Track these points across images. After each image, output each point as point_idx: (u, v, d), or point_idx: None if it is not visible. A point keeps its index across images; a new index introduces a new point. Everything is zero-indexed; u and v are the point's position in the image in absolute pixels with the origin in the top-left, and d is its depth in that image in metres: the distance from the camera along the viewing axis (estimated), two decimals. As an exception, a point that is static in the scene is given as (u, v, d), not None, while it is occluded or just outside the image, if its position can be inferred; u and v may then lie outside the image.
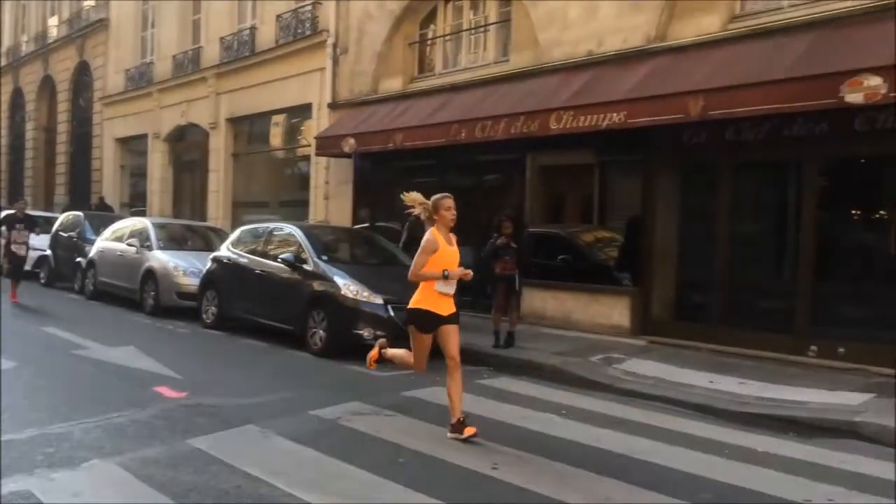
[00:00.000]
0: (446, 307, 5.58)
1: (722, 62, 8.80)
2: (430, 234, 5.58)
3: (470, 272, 5.56)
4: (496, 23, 12.63)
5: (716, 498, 4.48)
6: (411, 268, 5.60)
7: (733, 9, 9.42)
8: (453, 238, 5.72)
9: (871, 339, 8.07)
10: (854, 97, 7.13)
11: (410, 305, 5.63)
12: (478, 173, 12.81)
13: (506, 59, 12.23)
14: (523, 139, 10.54)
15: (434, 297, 5.52)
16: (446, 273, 5.46)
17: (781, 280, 9.26)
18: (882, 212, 8.55)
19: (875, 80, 7.02)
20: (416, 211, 5.70)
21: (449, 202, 5.65)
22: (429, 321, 5.54)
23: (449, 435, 5.42)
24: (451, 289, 5.59)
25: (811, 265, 8.59)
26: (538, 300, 10.70)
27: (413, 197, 5.72)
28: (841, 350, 8.12)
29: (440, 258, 5.52)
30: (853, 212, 9.02)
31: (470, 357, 8.97)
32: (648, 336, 9.71)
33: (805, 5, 8.71)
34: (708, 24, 9.42)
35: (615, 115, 9.16)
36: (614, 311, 10.02)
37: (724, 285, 9.36)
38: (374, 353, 6.20)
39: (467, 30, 13.23)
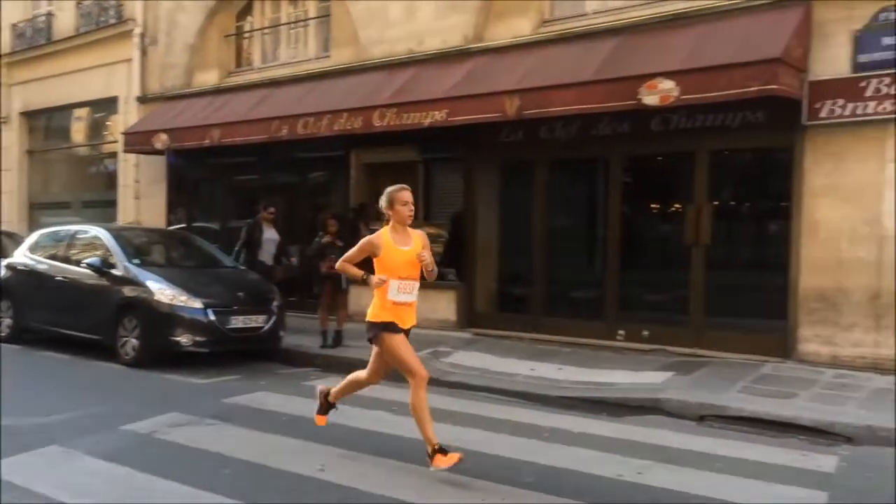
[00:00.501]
0: (409, 319, 4.90)
1: (535, 64, 9.21)
2: (377, 234, 4.87)
3: (379, 279, 4.79)
4: (315, 18, 12.42)
5: (537, 479, 4.66)
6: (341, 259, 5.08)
7: (543, 13, 9.88)
8: (415, 237, 4.91)
9: (670, 321, 8.83)
10: (650, 99, 7.71)
11: (370, 319, 4.86)
12: (301, 171, 12.56)
13: (327, 54, 12.06)
14: (347, 136, 10.46)
15: (390, 309, 4.78)
16: (366, 278, 4.82)
17: (593, 270, 9.87)
18: (677, 205, 9.33)
19: (668, 84, 7.62)
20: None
21: (407, 195, 4.87)
22: (394, 329, 4.81)
23: (432, 468, 4.61)
24: (408, 297, 4.85)
25: (617, 256, 9.23)
26: (366, 298, 10.62)
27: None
28: (645, 333, 8.79)
29: (386, 261, 4.77)
30: (653, 205, 9.79)
31: (297, 358, 8.82)
32: (474, 329, 10.00)
33: (607, 13, 9.31)
34: (521, 26, 9.82)
35: (437, 113, 9.31)
36: (441, 305, 10.19)
37: (542, 277, 9.82)
38: (320, 406, 5.30)
39: (286, 24, 12.92)
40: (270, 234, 10.00)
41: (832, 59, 7.60)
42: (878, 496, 4.54)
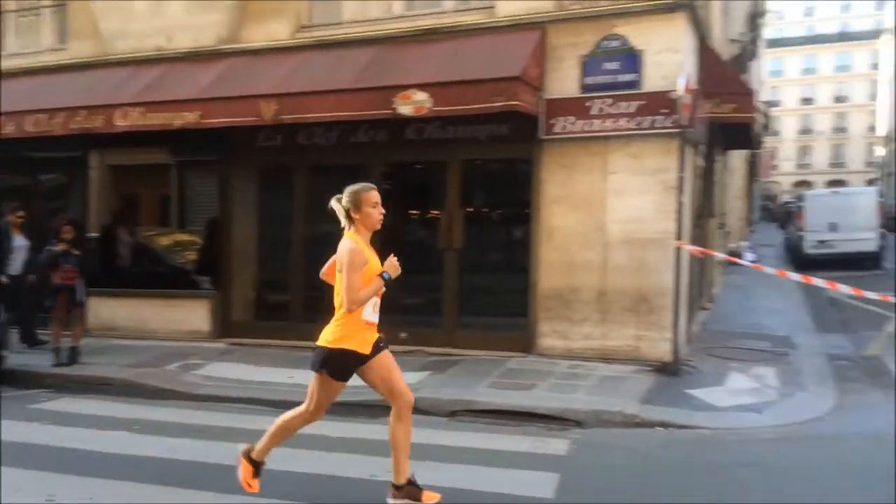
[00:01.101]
0: (372, 338, 4.28)
1: (293, 68, 9.11)
2: (353, 242, 4.17)
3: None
4: (50, 6, 11.29)
5: (296, 488, 4.60)
6: (346, 295, 4.08)
7: (300, 18, 9.82)
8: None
9: (426, 323, 9.17)
10: (405, 109, 7.97)
11: (331, 345, 4.16)
12: (32, 172, 11.32)
13: (63, 47, 11.01)
14: (86, 135, 9.61)
15: (361, 331, 4.20)
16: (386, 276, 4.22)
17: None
18: (434, 211, 9.72)
19: (422, 95, 7.93)
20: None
21: (376, 195, 4.29)
22: (354, 364, 4.21)
23: (394, 503, 4.22)
24: (377, 315, 4.32)
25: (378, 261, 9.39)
26: (107, 310, 9.90)
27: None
28: (403, 335, 9.03)
29: (368, 274, 4.18)
30: (411, 211, 10.11)
31: (25, 379, 7.91)
32: (230, 338, 9.64)
33: (364, 23, 9.47)
34: (278, 30, 9.67)
35: (189, 114, 8.87)
36: (193, 315, 9.72)
37: (300, 284, 9.72)
38: (245, 470, 4.34)
39: (16, 11, 11.61)
40: (20, 242, 9.00)
41: (564, 79, 8.36)
42: (602, 472, 5.07)
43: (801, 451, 5.55)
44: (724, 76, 9.21)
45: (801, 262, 19.11)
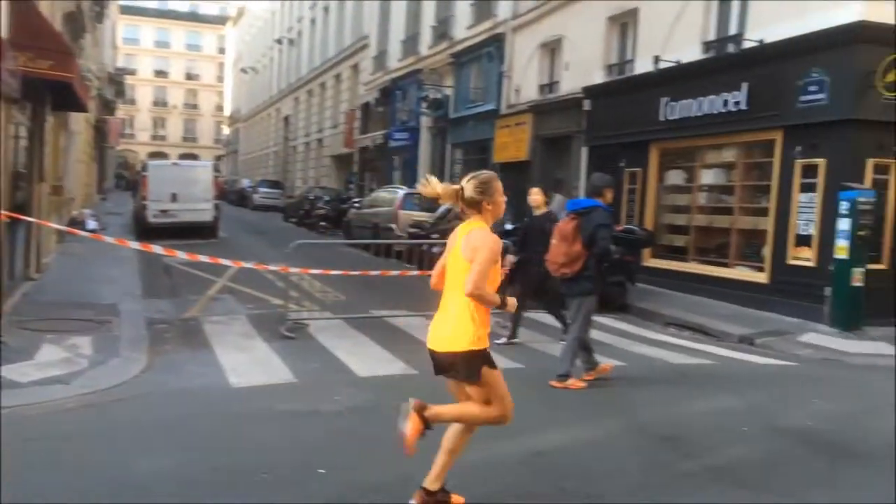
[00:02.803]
0: None
1: None
2: (488, 231, 3.72)
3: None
4: None
5: None
6: (474, 280, 3.53)
7: None
8: None
9: None
10: None
11: (471, 347, 3.63)
12: None
13: None
14: None
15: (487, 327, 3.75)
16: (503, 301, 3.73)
17: None
18: None
19: None
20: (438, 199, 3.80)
21: (500, 184, 3.83)
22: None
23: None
24: None
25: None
26: None
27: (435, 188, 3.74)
28: None
29: (495, 274, 3.71)
30: None
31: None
32: None
33: None
34: None
35: None
36: None
37: None
38: (415, 425, 3.69)
39: None
40: None
41: None
42: None
43: (105, 416, 5.60)
44: (41, 30, 8.57)
45: (145, 230, 19.54)
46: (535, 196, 8.92)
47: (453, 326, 3.68)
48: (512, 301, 3.84)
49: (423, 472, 3.83)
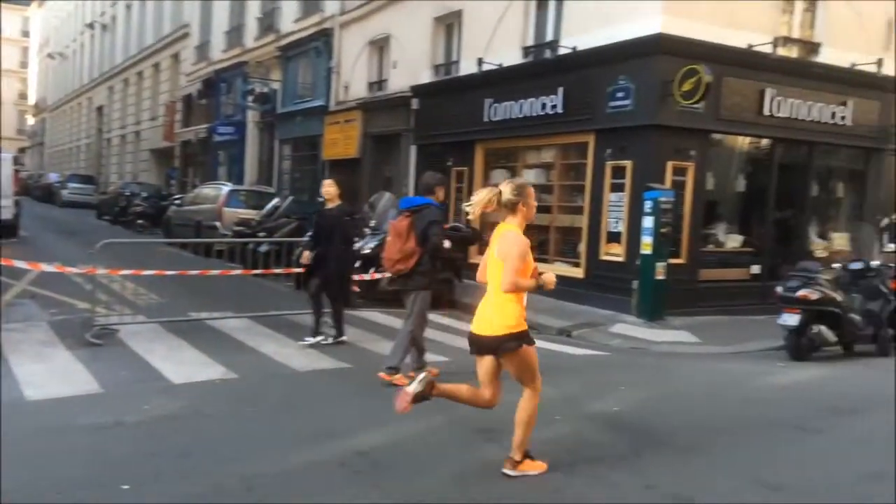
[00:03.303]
0: None
1: None
2: (520, 233, 4.46)
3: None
4: None
5: None
6: (508, 277, 4.28)
7: None
8: None
9: None
10: None
11: (511, 330, 4.38)
12: None
13: None
14: None
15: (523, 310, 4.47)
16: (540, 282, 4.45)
17: None
18: None
19: None
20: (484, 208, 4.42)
21: (533, 190, 4.57)
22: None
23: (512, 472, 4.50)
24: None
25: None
26: None
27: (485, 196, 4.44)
28: None
29: (528, 266, 4.42)
30: None
31: None
32: None
33: None
34: None
35: None
36: None
37: None
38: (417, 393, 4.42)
39: None
40: None
41: None
42: None
43: None
44: None
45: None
46: (328, 188, 8.61)
47: (493, 314, 4.39)
48: (549, 277, 4.46)
49: (240, 483, 3.66)
